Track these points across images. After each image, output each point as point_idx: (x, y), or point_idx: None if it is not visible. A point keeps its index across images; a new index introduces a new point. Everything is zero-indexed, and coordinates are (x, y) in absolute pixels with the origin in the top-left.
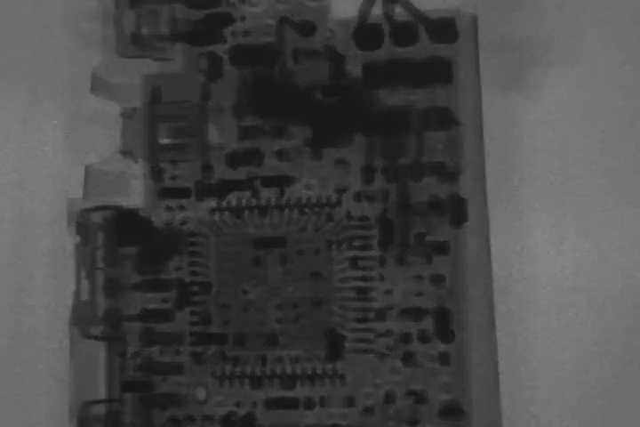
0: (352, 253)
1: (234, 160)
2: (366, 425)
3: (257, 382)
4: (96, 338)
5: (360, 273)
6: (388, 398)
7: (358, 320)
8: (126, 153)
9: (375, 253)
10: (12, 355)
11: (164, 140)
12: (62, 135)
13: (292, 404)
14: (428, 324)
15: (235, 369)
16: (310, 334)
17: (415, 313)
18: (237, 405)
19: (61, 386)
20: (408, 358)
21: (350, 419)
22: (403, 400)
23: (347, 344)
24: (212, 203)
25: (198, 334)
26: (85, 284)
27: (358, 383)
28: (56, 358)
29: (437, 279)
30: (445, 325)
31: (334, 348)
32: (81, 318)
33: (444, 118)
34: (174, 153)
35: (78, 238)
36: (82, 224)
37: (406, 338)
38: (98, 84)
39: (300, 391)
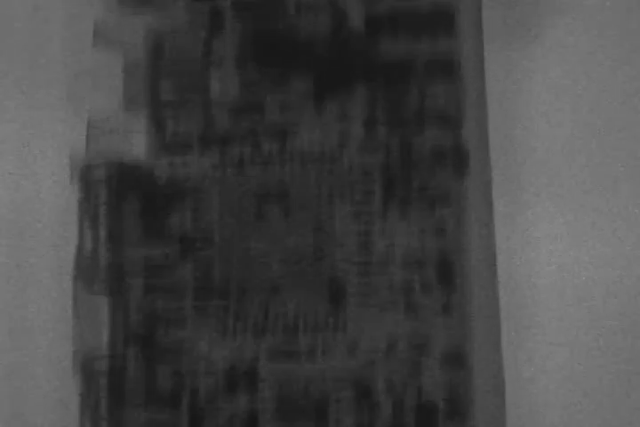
0: (354, 206)
1: (235, 113)
2: (368, 377)
3: (259, 334)
4: (99, 293)
5: (362, 226)
6: (390, 349)
7: (360, 273)
8: (128, 107)
9: (377, 205)
10: (15, 309)
11: (167, 95)
12: (65, 91)
13: (294, 356)
14: (430, 275)
15: (237, 322)
16: (313, 286)
17: (417, 265)
18: (240, 358)
19: (65, 341)
20: (410, 310)
21: (352, 370)
22: (404, 351)
23: (349, 297)
24: (215, 156)
25: (201, 287)
26: (88, 239)
27: (360, 335)
28: (60, 313)
29: (439, 231)
30: (447, 275)
31: (336, 300)
32: (84, 273)
33: (446, 69)
34: (176, 107)
35: (81, 194)
36: (85, 180)
37: (408, 290)
38: (100, 39)
39: (303, 344)
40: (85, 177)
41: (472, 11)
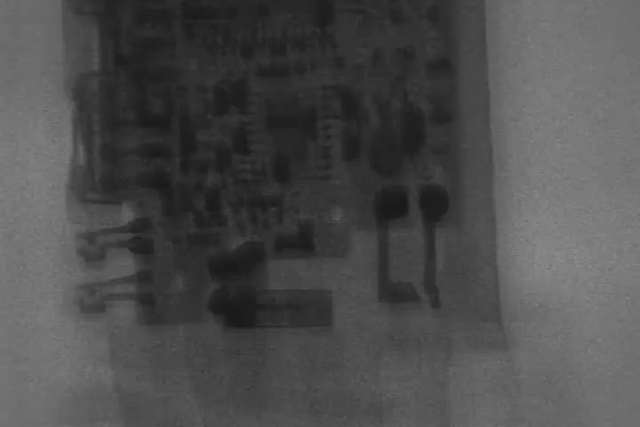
0: None
1: None
2: (355, 84)
3: (248, 52)
4: (89, 13)
5: None
6: (377, 56)
7: None
8: None
9: None
10: None
11: None
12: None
13: (282, 71)
14: None
15: (226, 41)
16: (300, 4)
17: None
18: (229, 74)
19: (56, 61)
20: (396, 17)
21: (340, 79)
22: (391, 59)
23: (336, 11)
24: None
25: (189, 8)
26: None
27: (348, 44)
28: (50, 35)
29: None
30: None
31: (324, 11)
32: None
33: None
34: None
35: None
36: None
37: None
38: None
39: (291, 57)
40: None
41: None
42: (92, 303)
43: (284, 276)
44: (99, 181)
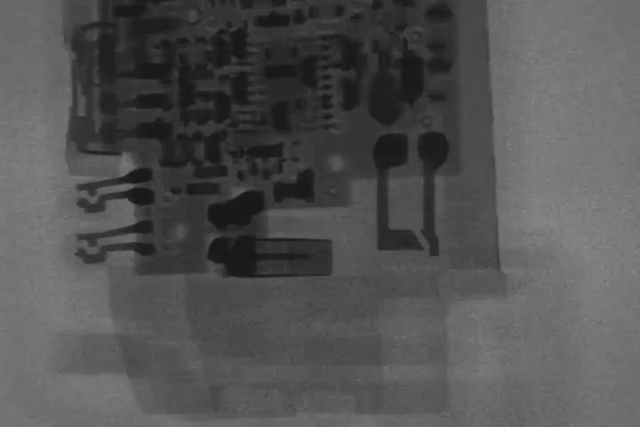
0: None
1: None
2: (355, 33)
3: (247, 0)
4: None
5: None
6: (377, 4)
7: None
8: None
9: None
10: None
11: None
12: None
13: (282, 19)
14: None
15: None
16: None
17: None
18: (229, 24)
19: (56, 10)
20: None
21: (339, 28)
22: (391, 5)
23: None
24: None
25: None
26: None
27: None
28: None
29: None
30: None
31: None
32: None
33: None
34: None
35: None
36: None
37: None
38: None
39: (290, 6)
40: None
41: None
42: (92, 253)
43: (283, 225)
44: (99, 131)
